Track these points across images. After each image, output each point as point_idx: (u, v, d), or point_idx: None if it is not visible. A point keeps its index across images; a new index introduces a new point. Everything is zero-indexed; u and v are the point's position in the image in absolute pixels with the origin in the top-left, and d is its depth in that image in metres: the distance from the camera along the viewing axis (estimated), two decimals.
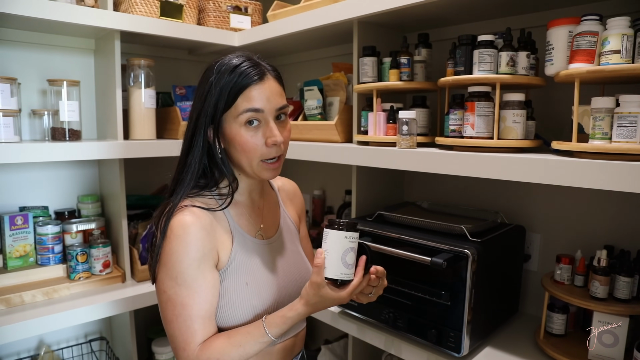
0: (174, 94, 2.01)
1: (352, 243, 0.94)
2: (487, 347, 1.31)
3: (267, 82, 0.98)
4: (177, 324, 0.93)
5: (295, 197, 1.28)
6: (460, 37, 1.29)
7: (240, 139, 0.97)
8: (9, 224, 1.68)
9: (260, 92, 0.96)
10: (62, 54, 1.89)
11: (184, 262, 0.93)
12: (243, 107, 0.95)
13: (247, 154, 0.98)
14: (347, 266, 0.94)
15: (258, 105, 0.96)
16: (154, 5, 1.80)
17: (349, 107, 1.68)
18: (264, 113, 0.97)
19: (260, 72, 0.97)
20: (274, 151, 0.99)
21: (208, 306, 0.95)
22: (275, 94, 0.99)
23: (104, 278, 1.77)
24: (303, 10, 1.73)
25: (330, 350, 1.96)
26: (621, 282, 1.16)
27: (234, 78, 0.95)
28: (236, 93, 0.95)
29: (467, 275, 1.19)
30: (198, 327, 0.93)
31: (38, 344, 1.88)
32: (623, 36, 0.99)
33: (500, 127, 1.22)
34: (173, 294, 0.94)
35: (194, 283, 0.93)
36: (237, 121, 0.96)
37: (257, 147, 0.97)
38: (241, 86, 0.95)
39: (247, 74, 0.96)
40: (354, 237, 0.94)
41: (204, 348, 0.93)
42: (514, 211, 1.55)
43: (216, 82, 0.96)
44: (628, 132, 0.96)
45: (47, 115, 1.74)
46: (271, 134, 0.97)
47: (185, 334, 0.93)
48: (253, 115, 0.96)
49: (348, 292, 0.95)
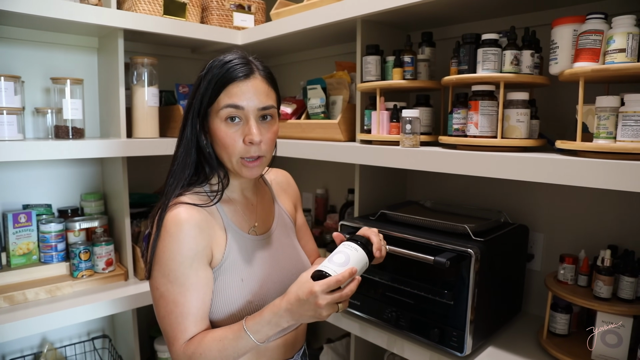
0: (177, 93, 2.02)
1: (346, 248, 0.97)
2: (490, 347, 1.31)
3: (253, 80, 0.98)
4: (169, 320, 0.94)
5: (288, 187, 1.27)
6: (464, 36, 1.29)
7: (220, 134, 0.97)
8: (12, 222, 1.68)
9: (243, 89, 0.97)
10: (66, 52, 1.89)
11: (176, 260, 0.93)
12: (224, 103, 0.96)
13: (226, 149, 0.98)
14: (333, 263, 0.93)
15: (238, 101, 0.96)
16: (158, 3, 1.80)
17: (352, 105, 1.68)
18: (245, 110, 0.97)
19: (248, 69, 0.98)
20: (252, 150, 0.98)
21: (200, 304, 0.95)
22: (260, 93, 0.98)
23: (107, 276, 1.78)
24: (306, 8, 1.73)
25: (332, 349, 1.96)
26: (625, 282, 1.16)
27: (221, 73, 0.97)
28: (220, 88, 0.96)
29: (470, 275, 1.19)
30: (189, 323, 0.94)
31: (41, 342, 1.88)
32: (628, 35, 0.98)
33: (504, 126, 1.21)
34: (165, 291, 0.94)
35: (186, 281, 0.94)
36: (219, 116, 0.97)
37: (235, 144, 0.97)
38: (225, 81, 0.96)
39: (233, 70, 0.97)
40: (350, 245, 0.98)
41: (189, 343, 0.93)
42: (517, 210, 1.54)
43: (204, 76, 0.98)
44: (633, 132, 0.96)
45: (51, 113, 1.74)
46: (249, 132, 0.97)
47: (176, 330, 0.94)
48: (233, 112, 0.96)
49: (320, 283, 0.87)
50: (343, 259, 0.94)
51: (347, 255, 0.95)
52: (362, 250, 0.98)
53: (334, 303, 0.89)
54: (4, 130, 1.54)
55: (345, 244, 1.00)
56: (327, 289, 0.87)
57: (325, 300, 0.87)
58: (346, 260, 0.94)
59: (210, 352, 0.91)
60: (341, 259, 0.94)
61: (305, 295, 0.87)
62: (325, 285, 0.87)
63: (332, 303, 0.89)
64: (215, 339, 0.92)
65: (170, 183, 1.02)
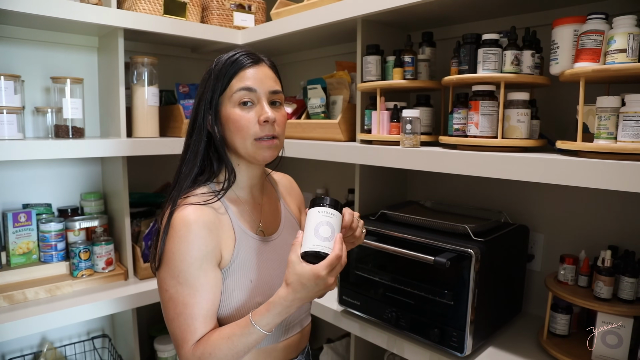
0: (177, 92, 2.01)
1: (326, 217, 0.92)
2: (490, 347, 1.31)
3: (261, 66, 1.02)
4: (178, 322, 0.94)
5: (292, 190, 1.28)
6: (465, 36, 1.28)
7: (235, 117, 0.99)
8: (12, 221, 1.68)
9: (254, 73, 1.00)
10: (66, 51, 1.89)
11: (185, 261, 0.93)
12: (237, 87, 0.99)
13: (241, 132, 0.99)
14: (321, 239, 0.90)
15: (250, 84, 0.99)
16: (158, 3, 1.80)
17: (353, 105, 1.68)
18: (257, 92, 1.00)
19: (256, 57, 1.03)
20: (267, 129, 1.00)
21: (209, 305, 0.95)
22: (269, 78, 1.02)
23: (107, 276, 1.78)
24: (306, 8, 1.73)
25: (332, 349, 1.96)
26: (625, 282, 1.16)
27: (230, 63, 1.01)
28: (232, 75, 1.00)
29: (470, 275, 1.19)
30: (199, 325, 0.94)
31: (41, 341, 1.88)
32: (629, 35, 0.98)
33: (505, 127, 1.21)
34: (175, 293, 0.94)
35: (195, 282, 0.93)
36: (232, 101, 1.00)
37: (249, 124, 0.99)
38: (236, 69, 1.00)
39: (242, 58, 1.01)
40: (328, 212, 0.92)
41: (198, 344, 0.93)
42: (517, 211, 1.54)
43: (214, 70, 1.02)
44: (634, 132, 0.96)
45: (51, 112, 1.74)
46: (263, 112, 0.99)
47: (186, 332, 0.94)
48: (246, 94, 0.99)
49: (324, 265, 0.87)
50: (329, 231, 0.91)
51: (330, 225, 0.92)
52: (337, 212, 0.94)
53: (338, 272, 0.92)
54: (4, 129, 1.54)
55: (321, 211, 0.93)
56: (332, 267, 0.88)
57: (333, 277, 0.90)
58: (332, 231, 0.91)
59: (220, 350, 0.91)
60: (327, 231, 0.91)
61: (313, 281, 0.88)
62: (329, 266, 0.88)
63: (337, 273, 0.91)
64: (223, 337, 0.92)
65: (180, 182, 1.03)
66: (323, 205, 0.93)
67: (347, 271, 1.52)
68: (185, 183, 1.02)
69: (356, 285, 1.50)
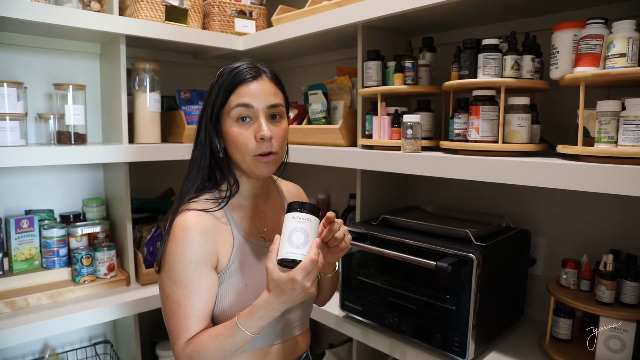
0: (179, 98, 2.02)
1: (300, 222, 0.92)
2: (492, 352, 1.31)
3: (260, 81, 1.03)
4: (173, 320, 0.99)
5: (299, 199, 1.30)
6: (465, 41, 1.29)
7: (232, 134, 1.01)
8: (14, 227, 1.68)
9: (252, 89, 1.01)
10: (68, 58, 1.90)
11: (181, 263, 0.98)
12: (234, 103, 1.01)
13: (239, 148, 1.01)
14: (294, 245, 0.91)
15: (248, 100, 1.00)
16: (159, 9, 1.81)
17: (354, 111, 1.68)
18: (254, 109, 1.01)
19: (256, 72, 1.03)
20: (264, 146, 1.01)
21: (203, 306, 0.99)
22: (268, 93, 1.03)
23: (109, 281, 1.78)
24: (307, 14, 1.73)
25: (334, 354, 1.95)
26: (628, 286, 1.15)
27: (230, 77, 1.02)
28: (230, 90, 1.01)
29: (472, 280, 1.19)
30: (191, 324, 0.98)
31: (43, 347, 1.88)
32: (629, 39, 0.98)
33: (505, 131, 1.22)
34: (170, 292, 0.99)
35: (190, 283, 0.98)
36: (230, 117, 1.01)
37: (247, 141, 1.00)
38: (235, 83, 1.01)
39: (242, 73, 1.02)
40: (301, 217, 0.92)
41: (190, 342, 0.98)
42: (519, 215, 1.54)
43: (215, 83, 1.04)
44: (634, 136, 0.96)
45: (53, 119, 1.75)
46: (259, 129, 1.00)
47: (179, 330, 0.98)
48: (243, 111, 1.00)
49: (298, 270, 0.88)
50: (303, 237, 0.91)
51: (304, 231, 0.92)
52: (313, 216, 0.93)
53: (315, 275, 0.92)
54: (7, 136, 1.55)
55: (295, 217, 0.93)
56: (307, 272, 0.89)
57: (309, 280, 0.90)
58: (306, 237, 0.91)
59: (208, 349, 0.95)
60: (301, 237, 0.91)
61: (290, 286, 0.89)
62: (304, 271, 0.89)
63: (314, 276, 0.92)
64: (211, 336, 0.96)
65: (187, 184, 1.07)
66: (297, 211, 0.93)
67: (349, 276, 1.52)
68: (188, 196, 1.05)
69: (358, 290, 1.50)
